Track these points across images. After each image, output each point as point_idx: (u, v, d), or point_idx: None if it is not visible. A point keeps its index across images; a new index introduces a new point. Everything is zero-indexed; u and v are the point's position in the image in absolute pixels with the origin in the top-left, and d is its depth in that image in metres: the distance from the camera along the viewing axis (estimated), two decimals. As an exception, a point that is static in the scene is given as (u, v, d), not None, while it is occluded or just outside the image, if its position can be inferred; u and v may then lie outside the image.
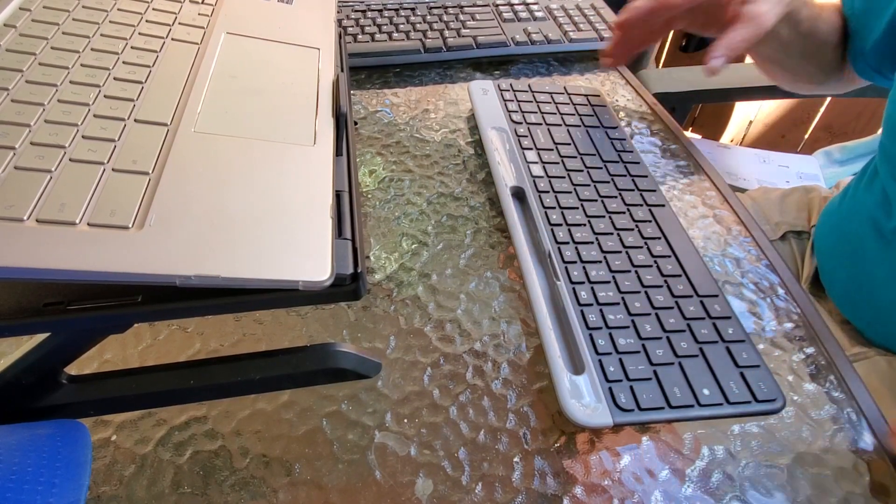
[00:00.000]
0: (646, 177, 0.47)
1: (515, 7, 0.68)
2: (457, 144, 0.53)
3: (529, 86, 0.55)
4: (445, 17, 0.65)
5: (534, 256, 0.40)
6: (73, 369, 0.28)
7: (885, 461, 0.34)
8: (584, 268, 0.39)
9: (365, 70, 0.62)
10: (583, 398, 0.32)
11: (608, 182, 0.46)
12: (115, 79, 0.30)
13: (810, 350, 0.39)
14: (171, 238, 0.23)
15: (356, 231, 0.27)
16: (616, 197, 0.45)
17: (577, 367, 0.34)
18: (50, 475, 0.22)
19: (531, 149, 0.48)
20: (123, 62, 0.31)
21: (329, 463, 0.32)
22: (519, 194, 0.45)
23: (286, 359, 0.29)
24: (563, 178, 0.46)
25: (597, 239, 0.41)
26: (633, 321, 0.36)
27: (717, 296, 0.38)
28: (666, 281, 0.39)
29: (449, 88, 0.61)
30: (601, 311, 0.36)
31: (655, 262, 0.40)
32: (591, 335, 0.35)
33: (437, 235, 0.45)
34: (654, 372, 0.34)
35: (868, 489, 0.33)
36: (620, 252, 0.40)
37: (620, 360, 0.34)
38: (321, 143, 0.30)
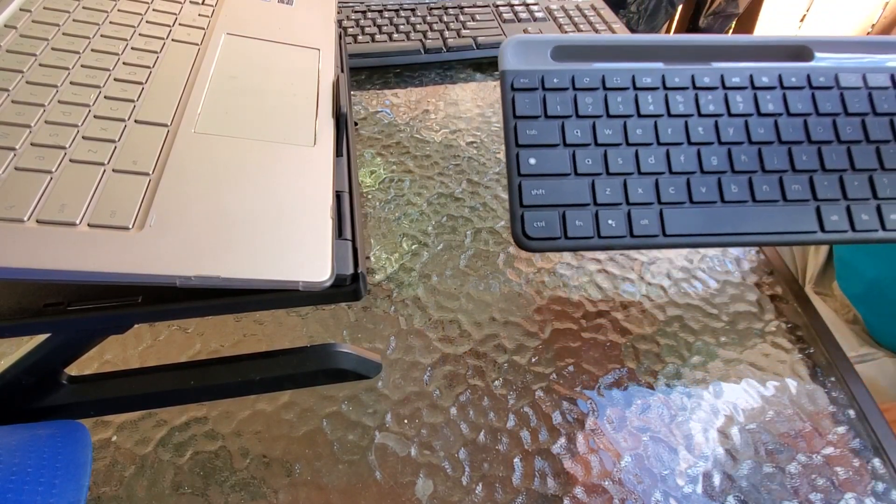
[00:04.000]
0: None
1: (515, 7, 0.68)
2: (457, 145, 0.53)
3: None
4: (445, 18, 0.65)
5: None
6: (73, 370, 0.28)
7: (885, 462, 0.34)
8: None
9: (365, 71, 0.62)
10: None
11: None
12: (115, 79, 0.30)
13: (810, 350, 0.39)
14: (171, 238, 0.23)
15: (356, 231, 0.27)
16: None
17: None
18: (50, 476, 0.22)
19: None
20: (124, 63, 0.31)
21: (329, 463, 0.32)
22: (802, 55, 0.38)
23: (286, 359, 0.29)
24: None
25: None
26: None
27: None
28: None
29: (449, 89, 0.61)
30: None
31: None
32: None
33: (438, 236, 0.45)
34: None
35: (869, 490, 0.33)
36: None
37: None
38: (321, 144, 0.30)
